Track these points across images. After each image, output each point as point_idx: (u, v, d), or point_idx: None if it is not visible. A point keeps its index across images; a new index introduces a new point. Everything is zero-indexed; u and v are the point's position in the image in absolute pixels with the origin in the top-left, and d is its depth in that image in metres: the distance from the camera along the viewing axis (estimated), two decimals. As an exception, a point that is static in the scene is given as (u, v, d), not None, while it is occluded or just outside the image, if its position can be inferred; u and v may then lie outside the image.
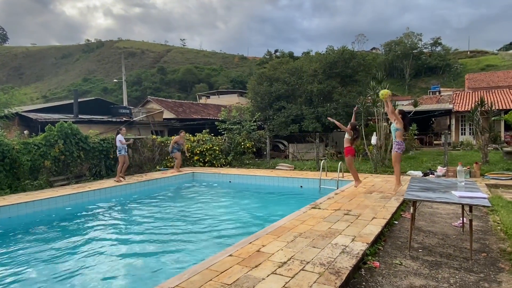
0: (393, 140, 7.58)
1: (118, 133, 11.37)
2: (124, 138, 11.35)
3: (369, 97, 13.83)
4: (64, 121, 11.12)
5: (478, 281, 3.51)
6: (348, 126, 8.17)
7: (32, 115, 14.92)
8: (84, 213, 8.16)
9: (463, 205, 4.71)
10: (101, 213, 8.23)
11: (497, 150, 16.34)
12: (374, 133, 12.25)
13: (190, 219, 7.53)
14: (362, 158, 14.46)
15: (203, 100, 41.75)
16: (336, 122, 8.46)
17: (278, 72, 18.31)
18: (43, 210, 8.08)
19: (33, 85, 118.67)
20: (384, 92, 7.42)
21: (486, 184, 8.84)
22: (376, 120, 12.10)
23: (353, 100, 15.56)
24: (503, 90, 25.89)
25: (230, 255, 4.05)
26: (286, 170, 13.13)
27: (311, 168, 12.97)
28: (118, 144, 11.10)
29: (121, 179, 10.93)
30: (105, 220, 7.60)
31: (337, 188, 8.96)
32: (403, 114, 7.63)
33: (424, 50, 73.32)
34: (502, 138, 19.67)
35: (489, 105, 14.42)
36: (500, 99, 23.14)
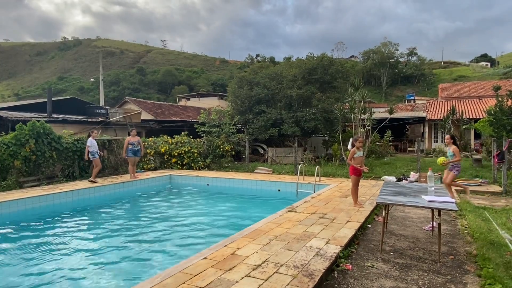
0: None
1: (89, 136, 11.00)
2: (96, 140, 11.05)
3: (347, 104, 14.10)
4: (37, 120, 10.74)
5: (445, 283, 3.64)
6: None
7: (2, 113, 14.26)
8: (54, 215, 7.87)
9: (433, 209, 4.87)
10: (72, 215, 7.98)
11: (467, 158, 17.01)
12: (351, 138, 12.48)
13: (165, 222, 7.41)
14: (339, 163, 14.70)
15: (183, 102, 41.27)
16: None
17: (259, 77, 18.41)
18: (11, 212, 7.75)
19: (5, 83, 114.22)
20: (440, 161, 7.82)
21: (455, 190, 9.17)
22: (353, 126, 12.35)
23: (331, 105, 15.84)
24: (473, 100, 27.03)
25: (205, 258, 4.02)
26: (265, 173, 13.18)
27: (289, 172, 13.08)
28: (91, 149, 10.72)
29: (94, 181, 10.63)
30: (76, 223, 7.37)
31: (314, 192, 9.07)
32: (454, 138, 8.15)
33: (400, 60, 75.71)
34: (472, 146, 20.48)
35: (460, 114, 15.04)
36: (471, 108, 24.14)
